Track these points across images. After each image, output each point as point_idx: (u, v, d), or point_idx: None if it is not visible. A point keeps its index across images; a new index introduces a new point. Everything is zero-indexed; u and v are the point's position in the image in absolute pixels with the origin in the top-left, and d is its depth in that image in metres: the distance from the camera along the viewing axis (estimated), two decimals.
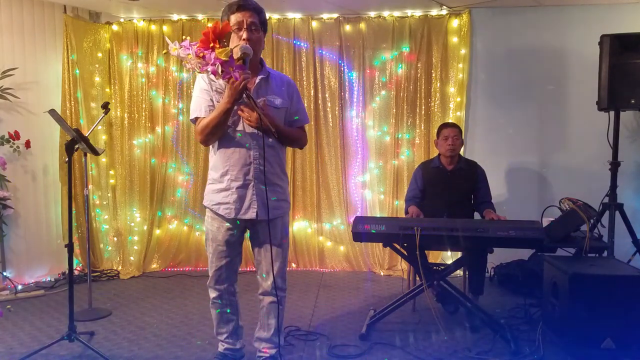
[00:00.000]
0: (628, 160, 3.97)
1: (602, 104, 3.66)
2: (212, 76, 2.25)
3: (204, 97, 2.40)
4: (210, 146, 2.49)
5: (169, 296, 3.97)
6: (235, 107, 2.33)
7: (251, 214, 2.41)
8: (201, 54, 2.15)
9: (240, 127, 2.38)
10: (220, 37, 2.17)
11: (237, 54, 2.20)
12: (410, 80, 4.53)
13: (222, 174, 2.42)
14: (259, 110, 2.27)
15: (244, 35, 2.27)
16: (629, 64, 3.55)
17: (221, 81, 2.28)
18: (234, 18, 2.31)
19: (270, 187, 2.43)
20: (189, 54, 2.16)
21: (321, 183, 4.71)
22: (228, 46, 2.20)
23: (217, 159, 2.45)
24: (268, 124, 2.29)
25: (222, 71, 2.16)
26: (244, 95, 2.24)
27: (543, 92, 4.42)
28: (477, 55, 4.49)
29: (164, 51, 2.39)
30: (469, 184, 3.64)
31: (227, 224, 2.47)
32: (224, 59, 2.14)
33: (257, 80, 2.40)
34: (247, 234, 2.60)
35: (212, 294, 2.58)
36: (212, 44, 2.15)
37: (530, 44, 4.40)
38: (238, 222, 2.46)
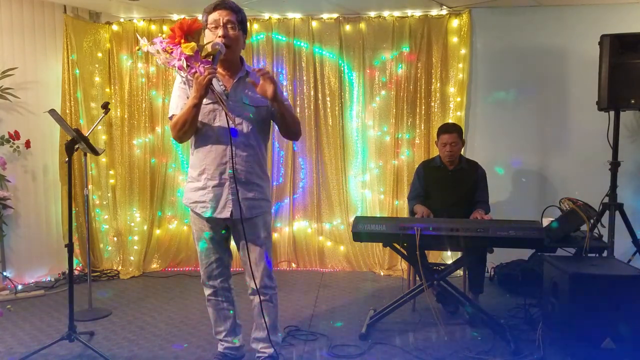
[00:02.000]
0: (628, 160, 3.97)
1: (602, 104, 3.66)
2: (180, 71, 2.27)
3: (179, 94, 2.41)
4: (190, 144, 2.49)
5: (169, 296, 3.97)
6: (214, 105, 2.34)
7: (226, 213, 2.40)
8: (169, 50, 2.18)
9: (216, 125, 2.38)
10: (188, 32, 2.19)
11: (208, 50, 2.22)
12: (410, 80, 4.53)
13: (199, 172, 2.42)
14: (225, 107, 2.26)
15: (220, 32, 2.28)
16: (629, 64, 3.55)
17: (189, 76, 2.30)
18: (211, 17, 2.33)
19: (248, 187, 2.42)
20: (157, 49, 2.19)
21: (321, 183, 4.71)
22: (198, 43, 2.22)
23: (195, 157, 2.45)
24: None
25: (187, 65, 2.18)
26: (212, 92, 2.23)
27: (543, 92, 4.42)
28: (477, 55, 4.49)
29: (137, 47, 2.42)
30: (470, 184, 3.64)
31: (207, 223, 2.47)
32: (189, 53, 2.16)
33: (236, 79, 2.40)
34: None
35: (207, 291, 2.59)
36: (178, 40, 2.18)
37: (530, 44, 4.40)
38: (216, 220, 2.46)
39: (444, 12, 4.47)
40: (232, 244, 2.62)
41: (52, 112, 3.12)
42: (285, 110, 2.41)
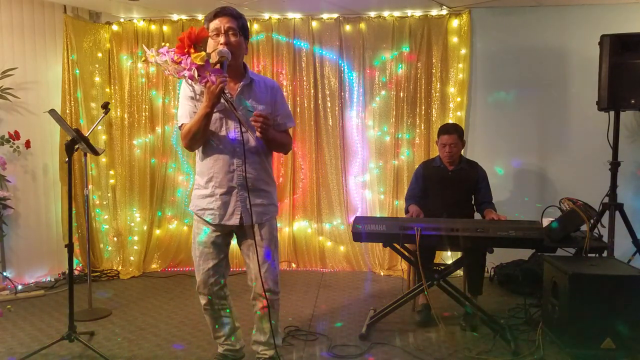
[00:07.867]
0: (628, 160, 3.97)
1: (602, 104, 3.65)
2: (189, 81, 2.27)
3: (188, 103, 2.40)
4: (197, 151, 2.49)
5: (169, 296, 3.97)
6: (221, 114, 2.34)
7: (235, 220, 2.41)
8: (178, 60, 2.17)
9: (223, 134, 2.38)
10: (196, 42, 2.19)
11: (214, 58, 2.21)
12: (410, 81, 4.53)
13: (207, 180, 2.42)
14: (239, 114, 2.27)
15: (222, 40, 2.28)
16: (629, 64, 3.55)
17: (199, 86, 2.29)
18: (212, 25, 2.32)
19: (256, 193, 2.42)
20: (165, 60, 2.18)
21: (321, 183, 4.71)
22: (205, 51, 2.21)
23: (202, 164, 2.45)
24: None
25: (198, 75, 2.17)
26: (223, 100, 2.24)
27: (543, 92, 4.42)
28: (477, 55, 4.49)
29: (142, 59, 2.40)
30: (470, 184, 3.64)
31: (213, 228, 2.47)
32: (199, 63, 2.16)
33: (240, 87, 2.40)
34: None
35: (203, 300, 2.56)
36: (187, 49, 2.17)
37: (530, 44, 4.40)
38: (223, 227, 2.46)
39: (444, 12, 4.47)
40: (231, 248, 2.61)
41: (52, 112, 3.12)
42: (271, 143, 2.43)
